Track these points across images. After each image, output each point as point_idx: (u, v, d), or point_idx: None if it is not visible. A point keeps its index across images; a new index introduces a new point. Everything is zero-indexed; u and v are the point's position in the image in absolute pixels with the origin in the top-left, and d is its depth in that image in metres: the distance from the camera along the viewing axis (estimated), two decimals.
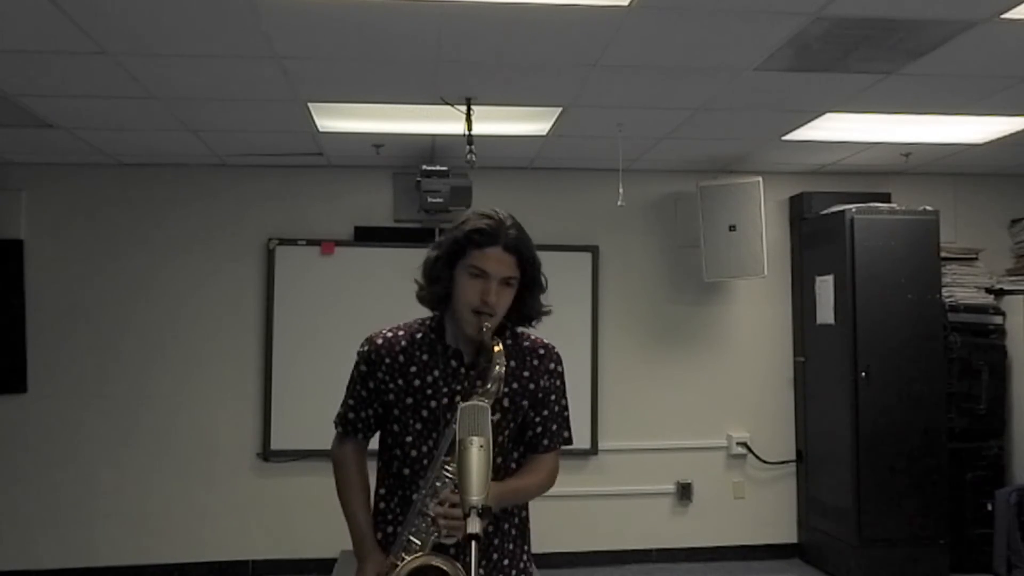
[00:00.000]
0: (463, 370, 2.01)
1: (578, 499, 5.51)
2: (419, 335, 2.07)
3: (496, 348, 1.91)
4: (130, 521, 5.35)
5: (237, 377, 5.45)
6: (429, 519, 1.86)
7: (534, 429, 2.07)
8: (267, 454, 5.41)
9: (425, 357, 2.03)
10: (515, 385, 2.03)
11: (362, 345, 2.09)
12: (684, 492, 5.73)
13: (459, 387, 1.99)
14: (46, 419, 5.33)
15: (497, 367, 1.88)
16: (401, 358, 2.04)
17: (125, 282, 5.43)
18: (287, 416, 5.35)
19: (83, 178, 5.43)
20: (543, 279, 2.06)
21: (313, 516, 5.07)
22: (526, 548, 2.10)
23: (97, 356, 5.38)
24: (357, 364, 2.09)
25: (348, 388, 2.11)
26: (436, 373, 2.01)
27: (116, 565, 5.31)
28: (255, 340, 5.47)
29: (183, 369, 5.44)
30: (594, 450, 5.59)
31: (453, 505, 1.81)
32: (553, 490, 2.10)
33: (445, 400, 1.99)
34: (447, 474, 1.86)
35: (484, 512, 1.58)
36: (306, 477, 5.23)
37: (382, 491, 2.07)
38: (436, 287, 2.00)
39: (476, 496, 1.57)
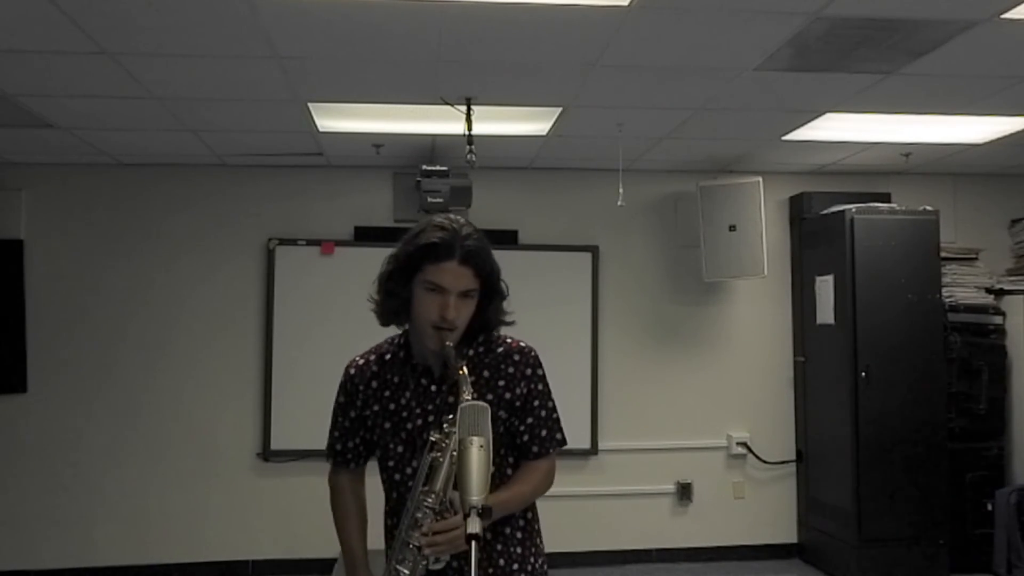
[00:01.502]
0: (433, 388, 1.97)
1: (578, 499, 5.51)
2: (388, 356, 2.04)
3: (460, 372, 1.82)
4: (130, 521, 5.35)
5: (237, 377, 5.45)
6: (415, 548, 1.82)
7: (521, 437, 2.02)
8: (267, 454, 5.41)
9: (396, 379, 2.00)
10: (490, 396, 1.94)
11: (342, 375, 2.07)
12: (684, 492, 5.73)
13: (431, 406, 1.96)
14: (46, 419, 5.33)
15: (464, 393, 1.77)
16: (374, 383, 2.02)
17: (125, 282, 5.43)
18: (287, 416, 5.35)
19: (83, 178, 5.43)
20: (504, 286, 1.97)
21: (313, 516, 5.05)
22: (534, 550, 2.05)
23: (97, 356, 5.38)
24: (337, 395, 2.08)
25: (332, 419, 2.10)
26: (408, 394, 1.99)
27: (116, 565, 5.31)
28: (255, 340, 5.47)
29: (183, 369, 5.44)
30: (594, 450, 5.59)
31: (436, 532, 1.79)
32: (553, 490, 2.09)
33: (420, 421, 1.96)
34: (426, 504, 1.82)
35: (484, 512, 1.57)
36: (306, 477, 5.23)
37: (387, 509, 2.05)
38: (391, 302, 1.94)
39: (476, 496, 1.56)
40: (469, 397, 1.77)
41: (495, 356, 2.01)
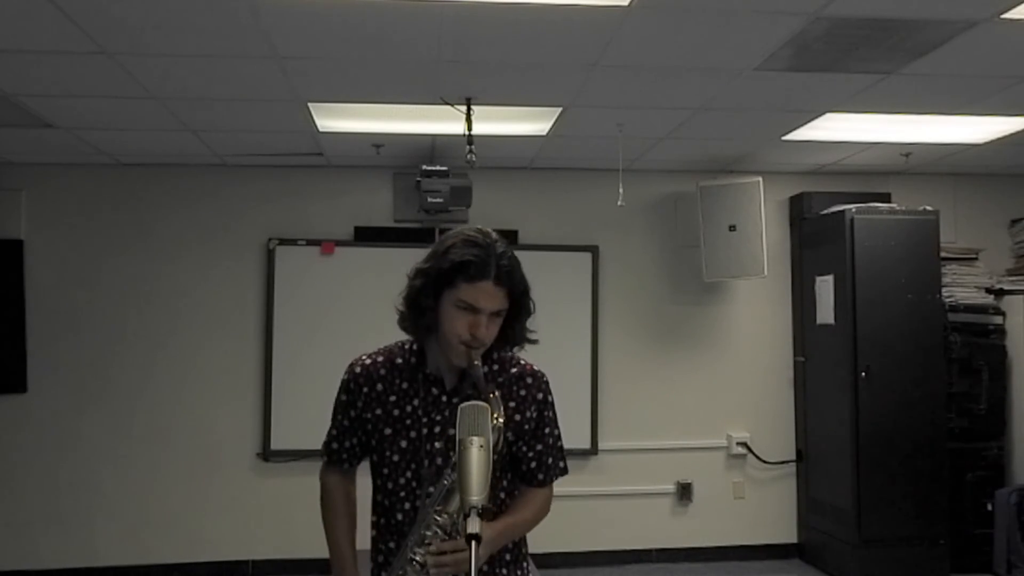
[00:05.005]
0: (444, 398, 1.92)
1: (578, 499, 5.50)
2: (399, 360, 1.98)
3: (492, 395, 1.78)
4: (130, 521, 5.35)
5: (237, 377, 5.45)
6: (418, 566, 1.79)
7: (528, 464, 1.98)
8: (267, 454, 5.41)
9: (405, 385, 1.95)
10: None
11: (345, 372, 2.02)
12: (684, 492, 5.73)
13: (439, 417, 1.91)
14: (46, 419, 5.33)
15: (496, 418, 1.73)
16: (380, 386, 1.96)
17: (125, 282, 5.43)
18: (287, 416, 5.35)
19: (83, 178, 5.43)
20: (531, 304, 1.93)
21: (313, 516, 5.02)
22: (519, 572, 2.03)
23: (97, 356, 5.38)
24: (339, 393, 2.03)
25: (332, 417, 2.06)
26: (416, 402, 1.93)
27: (116, 565, 5.31)
28: (255, 340, 5.46)
29: (183, 369, 5.44)
30: (594, 450, 5.59)
31: (443, 553, 1.75)
32: (553, 490, 2.08)
33: (425, 431, 1.91)
34: (437, 523, 1.79)
35: (484, 512, 1.57)
36: (306, 477, 5.17)
37: (373, 518, 2.02)
38: (422, 319, 1.89)
39: (476, 496, 1.56)
40: (500, 422, 1.75)
41: (508, 377, 1.97)
